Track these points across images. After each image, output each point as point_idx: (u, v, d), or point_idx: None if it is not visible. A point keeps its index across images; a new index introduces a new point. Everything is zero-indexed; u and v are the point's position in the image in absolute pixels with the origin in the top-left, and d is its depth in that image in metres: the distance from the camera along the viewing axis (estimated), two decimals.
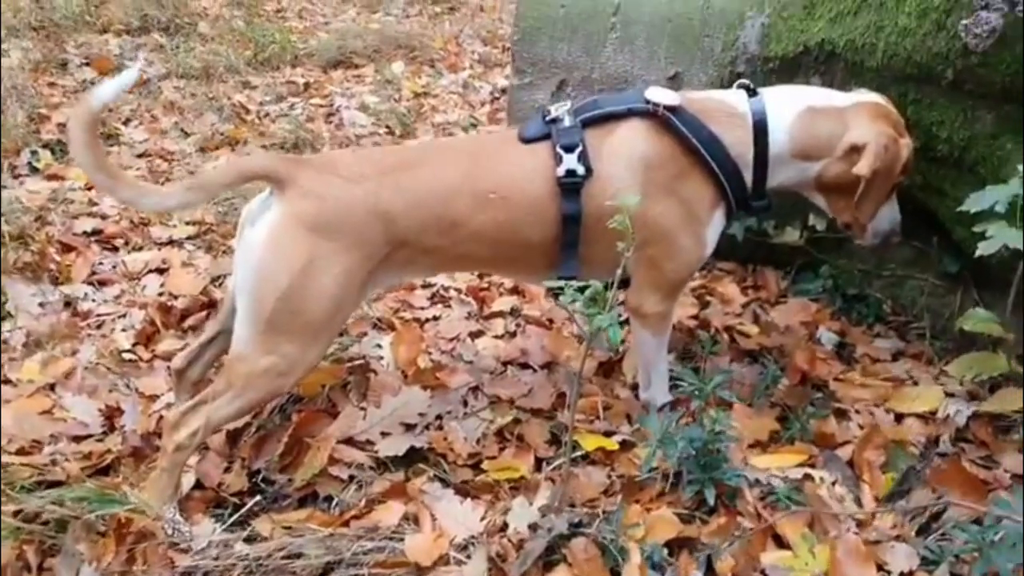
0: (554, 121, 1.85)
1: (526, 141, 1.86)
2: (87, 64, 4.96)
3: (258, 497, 1.89)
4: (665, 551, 1.58)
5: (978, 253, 1.64)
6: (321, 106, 4.64)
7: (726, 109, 1.87)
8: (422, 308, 2.54)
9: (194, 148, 3.98)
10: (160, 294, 2.69)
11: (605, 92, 2.47)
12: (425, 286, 2.65)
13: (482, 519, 1.74)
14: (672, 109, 1.82)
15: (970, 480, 1.69)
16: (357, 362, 2.26)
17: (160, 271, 2.85)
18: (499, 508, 1.78)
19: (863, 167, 1.76)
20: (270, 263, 1.70)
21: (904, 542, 1.58)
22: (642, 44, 2.37)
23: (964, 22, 1.78)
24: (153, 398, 2.19)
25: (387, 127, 4.23)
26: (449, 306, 2.55)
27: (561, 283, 1.62)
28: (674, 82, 2.36)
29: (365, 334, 2.39)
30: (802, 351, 2.17)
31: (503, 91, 4.74)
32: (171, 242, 3.06)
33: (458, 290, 2.61)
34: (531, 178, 1.82)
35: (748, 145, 1.85)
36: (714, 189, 1.85)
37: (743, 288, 2.53)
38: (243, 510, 1.83)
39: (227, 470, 1.98)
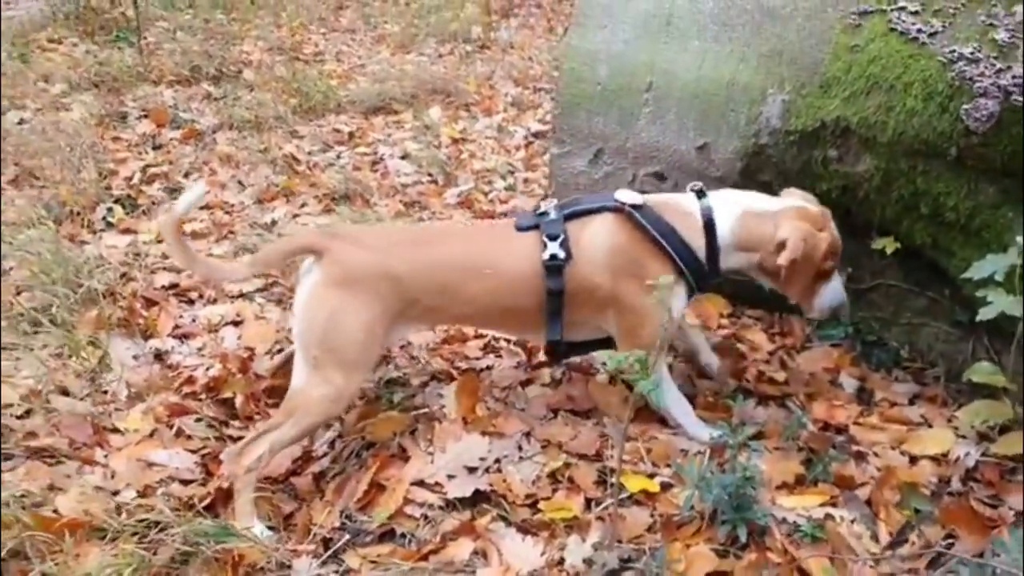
0: (543, 215, 2.29)
1: (520, 230, 2.30)
2: (145, 116, 5.30)
3: (346, 536, 2.16)
4: None
5: (979, 318, 1.86)
6: (366, 155, 4.92)
7: (681, 209, 2.26)
8: (476, 359, 2.79)
9: (251, 200, 4.25)
10: (237, 347, 2.96)
11: (639, 160, 2.73)
12: (477, 336, 2.90)
13: (542, 554, 1.99)
14: (636, 207, 2.22)
15: (976, 518, 1.89)
16: (422, 411, 2.51)
17: (235, 323, 3.13)
18: (556, 545, 2.01)
19: (782, 258, 2.14)
20: (310, 312, 2.19)
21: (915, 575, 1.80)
22: (672, 118, 2.61)
23: (965, 107, 2.02)
24: None
25: (429, 174, 4.51)
26: (500, 356, 2.80)
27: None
28: (703, 152, 2.60)
29: (427, 384, 2.64)
30: (825, 398, 2.39)
31: (535, 135, 5.02)
32: (242, 295, 3.34)
33: (508, 340, 2.86)
34: (521, 259, 2.25)
35: (700, 237, 2.23)
36: (674, 271, 2.21)
37: (770, 335, 2.76)
38: (337, 544, 2.09)
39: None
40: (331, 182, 4.35)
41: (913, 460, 2.16)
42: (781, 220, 2.19)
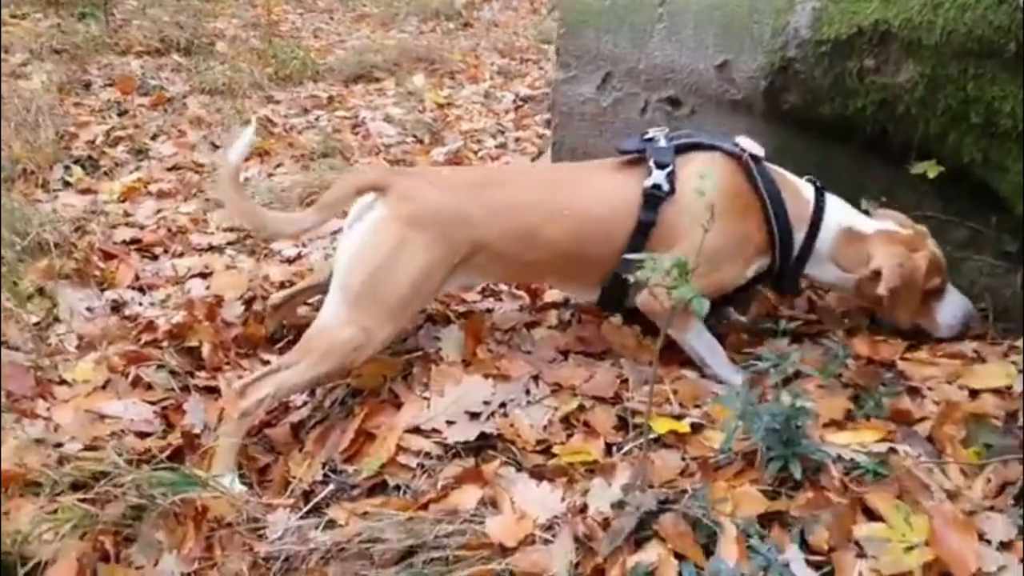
0: (651, 140, 2.11)
1: (623, 153, 2.13)
2: (110, 85, 4.99)
3: (330, 487, 1.88)
4: (757, 524, 1.55)
5: None
6: (346, 118, 4.67)
7: (798, 190, 2.13)
8: (474, 302, 2.52)
9: None
10: (205, 296, 2.68)
11: (652, 84, 2.49)
12: None
13: (561, 500, 1.72)
14: (756, 158, 2.06)
15: None
16: (416, 354, 2.24)
17: (203, 275, 2.85)
18: (577, 489, 1.75)
19: (881, 288, 2.04)
20: (367, 245, 1.99)
21: (1000, 512, 1.56)
22: (690, 33, 2.37)
23: None
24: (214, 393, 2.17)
25: (415, 136, 4.25)
26: (500, 299, 2.54)
27: None
28: (722, 71, 2.36)
29: (420, 327, 2.37)
30: (865, 334, 2.16)
31: (525, 100, 4.78)
32: (211, 248, 3.06)
33: (508, 284, 2.59)
34: (616, 188, 2.07)
35: (803, 227, 2.10)
36: (765, 239, 2.08)
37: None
38: (316, 498, 1.81)
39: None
40: (309, 143, 4.09)
41: (974, 394, 1.92)
42: (874, 245, 2.09)
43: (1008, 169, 2.02)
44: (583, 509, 1.69)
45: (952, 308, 2.15)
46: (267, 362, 2.35)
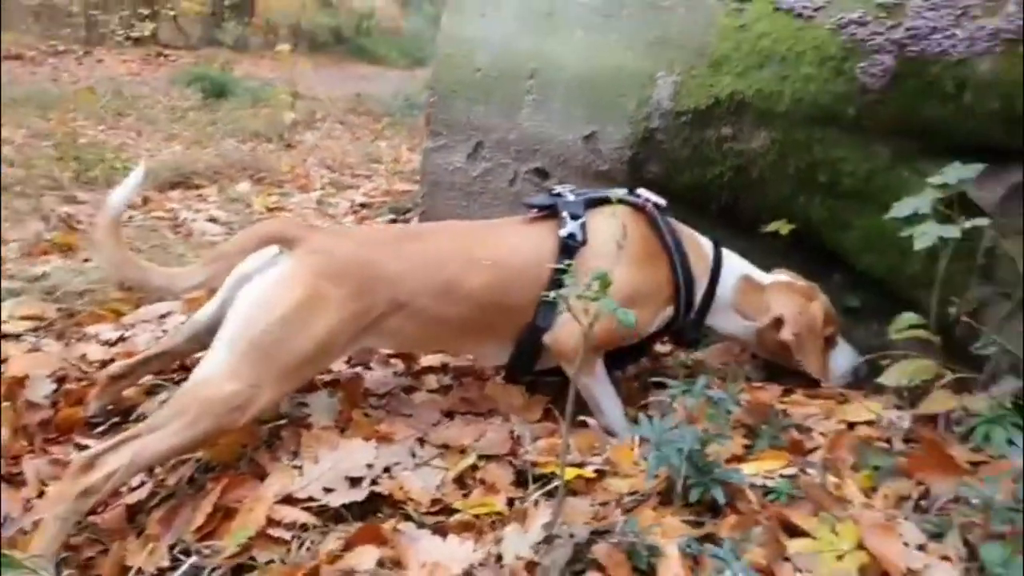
0: (558, 195, 2.14)
1: (533, 207, 2.14)
2: None
3: (183, 568, 1.55)
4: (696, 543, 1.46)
5: (917, 247, 1.80)
6: (163, 219, 4.32)
7: (697, 242, 2.21)
8: (339, 370, 2.31)
9: (18, 253, 3.53)
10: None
11: (522, 154, 2.54)
12: None
13: (473, 551, 1.53)
14: (660, 208, 2.13)
15: (948, 460, 1.74)
16: (281, 422, 1.99)
17: None
18: (490, 539, 1.57)
19: (785, 332, 2.14)
20: (272, 297, 1.79)
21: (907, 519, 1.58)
22: (558, 106, 2.47)
23: (860, 65, 2.06)
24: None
25: None
26: (370, 368, 2.35)
27: None
28: (589, 142, 2.47)
29: None
30: (741, 382, 2.22)
31: (363, 205, 4.71)
32: (4, 336, 2.60)
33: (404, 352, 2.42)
34: (532, 240, 2.06)
35: (704, 277, 2.17)
36: (671, 288, 2.12)
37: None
38: None
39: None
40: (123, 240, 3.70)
41: (850, 427, 2.00)
42: (773, 295, 2.19)
43: (852, 226, 2.23)
44: (499, 559, 1.51)
45: (844, 358, 2.26)
46: (85, 447, 1.97)
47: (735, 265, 2.24)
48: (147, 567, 1.60)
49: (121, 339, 2.63)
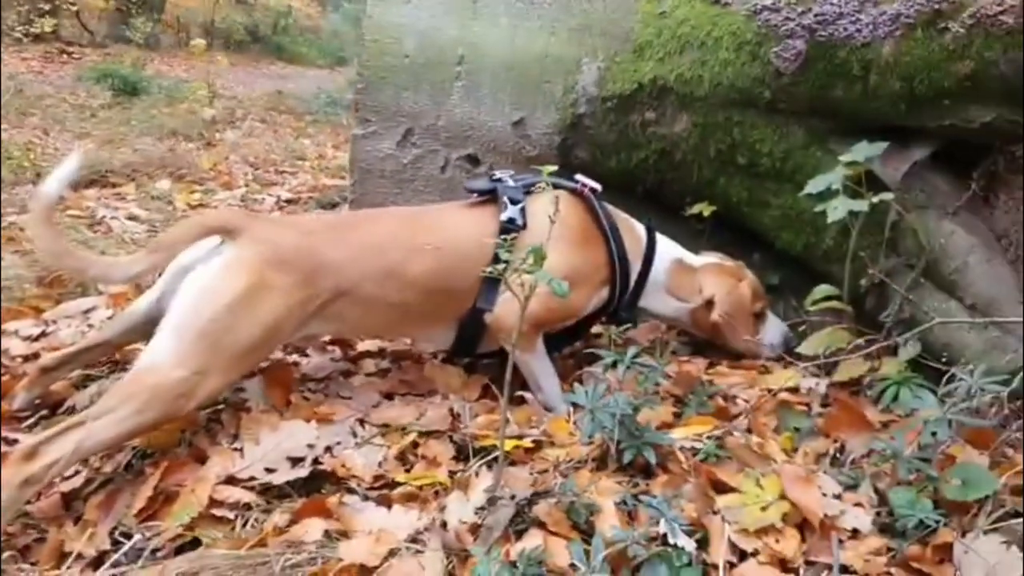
0: (499, 180, 2.17)
1: (473, 192, 2.17)
2: None
3: (124, 549, 1.54)
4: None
5: (830, 220, 1.93)
6: (80, 217, 4.18)
7: (631, 226, 2.29)
8: (276, 358, 2.29)
9: None
10: None
11: (452, 140, 2.57)
12: None
13: (418, 519, 1.57)
14: (596, 192, 2.20)
15: (861, 419, 1.86)
16: (219, 407, 1.98)
17: None
18: (434, 507, 1.61)
19: (715, 314, 2.28)
20: (218, 286, 1.79)
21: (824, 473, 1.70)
22: (487, 92, 2.52)
23: (774, 49, 2.17)
24: None
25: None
26: (307, 355, 2.35)
27: None
28: (518, 127, 2.52)
29: None
30: (669, 356, 2.31)
31: (288, 201, 4.66)
32: None
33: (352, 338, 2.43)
34: (472, 225, 2.09)
35: (638, 260, 2.25)
36: (608, 270, 2.18)
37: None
38: (114, 558, 1.47)
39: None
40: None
41: (772, 394, 2.11)
42: (704, 276, 2.30)
43: (770, 204, 2.35)
44: (443, 525, 1.55)
45: (774, 330, 2.38)
46: (14, 441, 1.92)
47: (667, 249, 2.33)
48: (87, 551, 1.58)
49: (43, 334, 2.55)
